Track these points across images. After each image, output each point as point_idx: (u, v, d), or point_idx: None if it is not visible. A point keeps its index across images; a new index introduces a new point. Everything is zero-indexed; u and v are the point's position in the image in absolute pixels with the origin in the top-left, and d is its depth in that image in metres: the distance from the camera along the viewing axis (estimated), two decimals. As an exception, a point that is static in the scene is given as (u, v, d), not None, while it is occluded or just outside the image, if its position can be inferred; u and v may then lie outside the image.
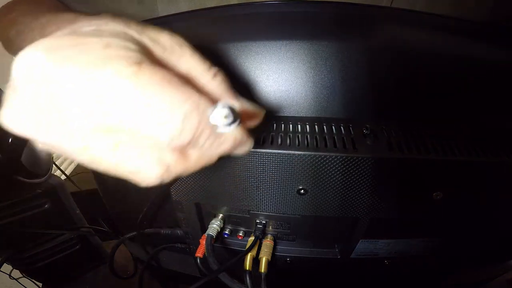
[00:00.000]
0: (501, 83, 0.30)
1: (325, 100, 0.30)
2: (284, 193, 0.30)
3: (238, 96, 0.19)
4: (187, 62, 0.17)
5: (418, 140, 0.28)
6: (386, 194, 0.30)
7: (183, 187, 0.32)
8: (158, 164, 0.15)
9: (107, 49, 0.13)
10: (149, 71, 0.13)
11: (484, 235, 0.38)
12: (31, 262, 0.53)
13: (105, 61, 0.12)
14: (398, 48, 0.29)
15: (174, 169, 0.16)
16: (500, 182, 0.30)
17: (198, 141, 0.15)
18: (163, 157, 0.15)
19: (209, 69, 0.17)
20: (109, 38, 0.13)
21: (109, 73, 0.12)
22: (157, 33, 0.16)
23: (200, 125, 0.14)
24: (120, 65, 0.12)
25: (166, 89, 0.13)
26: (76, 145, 0.14)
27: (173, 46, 0.16)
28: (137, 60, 0.13)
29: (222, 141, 0.16)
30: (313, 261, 0.39)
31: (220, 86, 0.18)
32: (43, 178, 0.50)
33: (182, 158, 0.16)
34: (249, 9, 0.33)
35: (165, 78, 0.13)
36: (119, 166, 0.15)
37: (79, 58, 0.12)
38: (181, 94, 0.13)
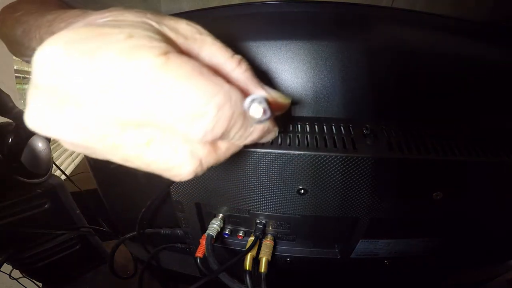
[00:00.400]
0: (501, 83, 0.30)
1: (325, 100, 0.30)
2: (284, 193, 0.30)
3: (263, 85, 0.18)
4: (209, 50, 0.16)
5: (418, 140, 0.28)
6: (386, 194, 0.30)
7: (183, 187, 0.32)
8: (191, 158, 0.15)
9: (130, 39, 0.12)
10: (177, 61, 0.12)
11: (484, 235, 0.38)
12: (31, 262, 0.53)
13: (131, 52, 0.12)
14: (398, 48, 0.29)
15: (206, 161, 0.15)
16: (500, 182, 0.30)
17: (230, 133, 0.14)
18: (196, 151, 0.15)
19: (232, 56, 0.17)
20: (130, 29, 0.12)
21: (137, 65, 0.11)
22: (175, 22, 0.15)
23: (233, 117, 0.13)
24: (148, 56, 0.12)
25: (197, 80, 0.12)
26: (107, 143, 0.13)
27: (193, 34, 0.15)
28: (164, 50, 0.12)
29: (251, 131, 0.16)
30: (313, 261, 0.39)
31: (245, 74, 0.17)
32: (43, 178, 0.50)
33: (213, 150, 0.16)
34: (249, 9, 0.33)
35: (195, 69, 0.12)
36: (152, 163, 0.14)
37: (102, 50, 0.11)
38: (212, 85, 0.13)
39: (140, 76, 0.12)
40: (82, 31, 0.12)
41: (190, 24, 0.16)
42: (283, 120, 0.28)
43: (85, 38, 0.12)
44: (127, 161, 0.14)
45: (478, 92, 0.31)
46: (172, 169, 0.15)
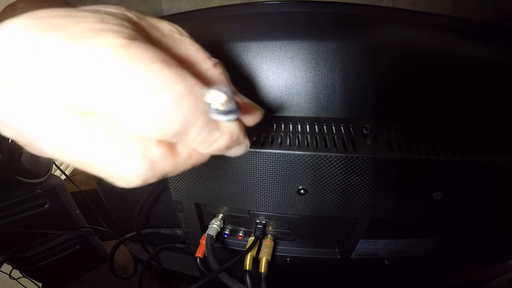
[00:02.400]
0: (501, 83, 0.30)
1: (325, 100, 0.30)
2: (284, 193, 0.30)
3: (237, 91, 0.17)
4: (186, 49, 0.15)
5: (418, 140, 0.28)
6: (386, 194, 0.30)
7: (183, 187, 0.32)
8: (142, 159, 0.13)
9: (100, 23, 0.11)
10: (140, 47, 0.11)
11: (484, 235, 0.38)
12: (31, 262, 0.53)
13: (95, 32, 0.11)
14: (398, 48, 0.29)
15: (160, 166, 0.13)
16: (500, 182, 0.30)
17: (190, 133, 0.13)
18: (148, 151, 0.13)
19: (209, 58, 0.16)
20: (105, 15, 0.12)
21: (95, 43, 0.11)
22: (158, 20, 0.15)
23: (194, 113, 0.12)
24: (109, 37, 0.11)
25: (157, 67, 0.11)
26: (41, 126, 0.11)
27: (172, 32, 0.15)
28: (130, 35, 0.11)
29: (217, 137, 0.14)
30: (313, 261, 0.39)
31: (220, 77, 0.16)
32: (43, 178, 0.50)
33: (170, 154, 0.14)
34: (249, 9, 0.33)
35: (158, 57, 0.12)
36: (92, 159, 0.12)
37: (67, 27, 0.11)
38: (174, 74, 0.12)
39: (94, 56, 0.11)
40: (57, 11, 0.11)
41: (172, 24, 0.15)
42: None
43: (56, 16, 0.11)
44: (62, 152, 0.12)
45: (478, 92, 0.31)
46: (118, 170, 0.13)
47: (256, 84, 0.30)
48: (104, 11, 0.13)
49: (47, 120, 0.11)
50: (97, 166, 0.13)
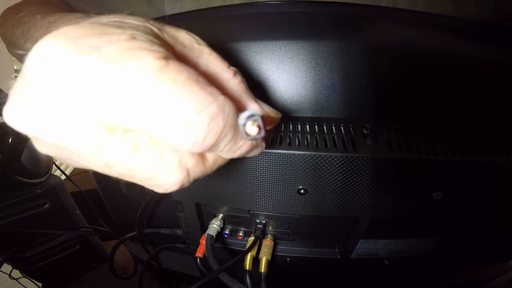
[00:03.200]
0: (501, 83, 0.30)
1: (325, 100, 0.30)
2: (284, 193, 0.30)
3: (257, 99, 0.18)
4: (206, 59, 0.16)
5: (418, 140, 0.28)
6: (386, 194, 0.30)
7: (183, 187, 0.32)
8: (179, 168, 0.14)
9: (132, 41, 0.12)
10: (176, 67, 0.12)
11: (484, 235, 0.38)
12: (31, 262, 0.53)
13: (131, 52, 0.11)
14: (398, 48, 0.29)
15: (193, 172, 0.15)
16: (500, 182, 0.30)
17: (219, 145, 0.14)
18: (184, 161, 0.14)
19: (228, 67, 0.17)
20: (133, 31, 0.12)
21: (134, 66, 0.11)
22: (176, 30, 0.15)
23: (225, 129, 0.13)
24: (146, 59, 0.11)
25: (192, 89, 0.12)
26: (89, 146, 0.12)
27: (192, 43, 0.15)
28: (164, 54, 0.12)
29: (241, 145, 0.15)
30: (313, 261, 0.39)
31: (240, 86, 0.17)
32: (43, 178, 0.50)
33: (201, 162, 0.15)
34: (249, 9, 0.33)
35: (192, 77, 0.12)
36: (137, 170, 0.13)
37: (103, 48, 0.11)
38: (207, 95, 0.12)
39: (136, 78, 0.11)
40: (86, 27, 0.12)
41: (190, 34, 0.16)
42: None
43: (88, 34, 0.11)
44: (109, 167, 0.13)
45: (478, 92, 0.31)
46: (157, 178, 0.14)
47: (256, 84, 0.30)
48: (128, 25, 0.13)
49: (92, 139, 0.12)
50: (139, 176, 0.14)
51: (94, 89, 0.11)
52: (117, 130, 0.12)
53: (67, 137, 0.12)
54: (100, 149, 0.13)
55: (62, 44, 0.11)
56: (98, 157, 0.13)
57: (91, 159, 0.13)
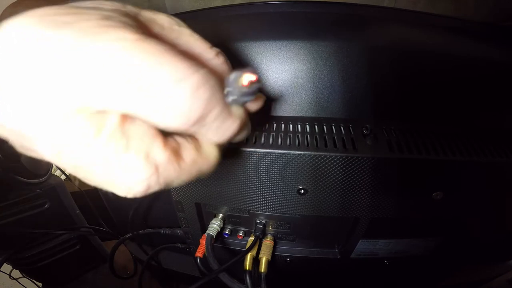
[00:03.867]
0: (501, 83, 0.30)
1: (325, 100, 0.30)
2: (284, 193, 0.30)
3: None
4: (186, 40, 0.15)
5: (418, 140, 0.28)
6: (386, 194, 0.30)
7: (183, 187, 0.32)
8: (145, 162, 0.12)
9: (106, 19, 0.11)
10: (152, 40, 0.11)
11: (484, 235, 0.38)
12: (31, 262, 0.53)
13: (105, 28, 0.11)
14: (398, 48, 0.29)
15: (164, 171, 0.13)
16: (500, 182, 0.30)
17: (206, 121, 0.13)
18: (152, 154, 0.12)
19: (211, 48, 0.16)
20: (107, 12, 0.12)
21: (108, 38, 0.11)
22: (154, 13, 0.15)
23: (211, 101, 0.12)
24: (121, 32, 0.11)
25: (172, 59, 0.11)
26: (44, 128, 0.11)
27: (171, 25, 0.15)
28: (138, 31, 0.12)
29: (230, 123, 0.14)
30: (313, 261, 0.39)
31: (223, 66, 0.16)
32: (43, 178, 0.50)
33: (175, 160, 0.13)
34: (250, 9, 0.33)
35: (169, 50, 0.12)
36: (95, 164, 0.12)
37: (75, 24, 0.11)
38: (188, 66, 0.12)
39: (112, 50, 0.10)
40: (61, 7, 0.11)
41: (169, 16, 0.15)
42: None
43: (62, 12, 0.11)
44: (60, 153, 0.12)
45: (478, 92, 0.31)
46: (120, 175, 0.12)
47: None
48: (102, 8, 0.13)
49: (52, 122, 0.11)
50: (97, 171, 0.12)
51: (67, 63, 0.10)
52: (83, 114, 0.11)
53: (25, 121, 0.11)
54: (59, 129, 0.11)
55: (33, 20, 0.11)
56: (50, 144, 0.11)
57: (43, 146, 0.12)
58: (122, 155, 0.12)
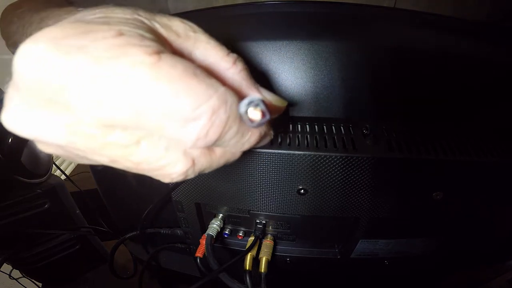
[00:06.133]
0: (501, 83, 0.30)
1: (325, 100, 0.30)
2: (284, 193, 0.30)
3: (259, 86, 0.17)
4: (203, 48, 0.15)
5: (418, 140, 0.28)
6: (386, 194, 0.30)
7: (183, 187, 0.32)
8: (184, 157, 0.14)
9: (119, 37, 0.11)
10: (169, 61, 0.11)
11: (484, 235, 0.38)
12: (31, 262, 0.53)
13: (120, 50, 0.11)
14: (398, 48, 0.29)
15: (199, 163, 0.15)
16: (500, 182, 0.30)
17: (225, 139, 0.13)
18: (189, 150, 0.14)
19: (228, 54, 0.16)
20: (120, 26, 0.12)
21: (125, 64, 0.11)
22: (168, 19, 0.14)
23: (228, 122, 0.13)
24: (137, 56, 0.11)
25: (190, 82, 0.11)
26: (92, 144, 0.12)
27: (187, 31, 0.15)
28: (155, 49, 0.11)
29: (248, 137, 0.15)
30: (313, 261, 0.39)
31: (241, 74, 0.16)
32: (43, 178, 0.50)
33: (208, 153, 0.15)
34: (250, 9, 0.33)
35: (188, 70, 0.12)
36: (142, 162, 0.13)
37: (88, 48, 0.11)
38: (206, 88, 0.12)
39: (127, 77, 0.11)
40: (69, 27, 0.11)
41: (184, 21, 0.15)
42: (280, 122, 0.28)
43: (72, 34, 0.11)
44: (114, 161, 0.13)
45: (478, 92, 0.31)
46: (163, 168, 0.14)
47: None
48: (115, 20, 0.12)
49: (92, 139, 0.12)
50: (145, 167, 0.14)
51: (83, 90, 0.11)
52: (118, 128, 0.12)
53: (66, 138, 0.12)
54: (102, 147, 0.12)
55: (44, 48, 0.10)
56: (102, 153, 0.13)
57: (96, 156, 0.13)
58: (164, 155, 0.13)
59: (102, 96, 0.11)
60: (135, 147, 0.13)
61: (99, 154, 0.13)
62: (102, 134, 0.12)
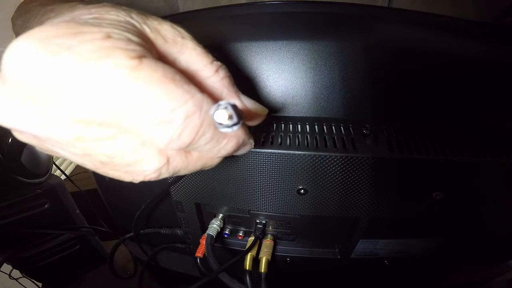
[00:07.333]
0: (501, 83, 0.30)
1: (325, 100, 0.30)
2: (284, 193, 0.30)
3: (240, 94, 0.18)
4: (188, 54, 0.15)
5: (418, 140, 0.28)
6: (386, 194, 0.30)
7: (183, 187, 0.32)
8: (159, 154, 0.14)
9: (107, 40, 0.12)
10: (150, 66, 0.12)
11: (484, 235, 0.38)
12: (31, 262, 0.53)
13: (104, 52, 0.11)
14: (398, 48, 0.29)
15: (174, 162, 0.15)
16: (500, 182, 0.30)
17: (199, 143, 0.14)
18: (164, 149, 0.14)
19: (211, 63, 0.16)
20: (110, 29, 0.12)
21: (106, 66, 0.11)
22: (159, 23, 0.15)
23: (202, 127, 0.13)
24: (119, 59, 0.11)
25: (167, 87, 0.12)
26: (68, 136, 0.13)
27: (174, 37, 0.15)
28: (138, 53, 0.12)
29: (224, 143, 0.15)
30: (313, 261, 0.39)
31: (222, 82, 0.16)
32: (43, 178, 0.50)
33: (184, 154, 0.15)
34: (250, 9, 0.33)
35: (167, 75, 0.12)
36: (116, 157, 0.14)
37: (75, 47, 0.11)
38: (182, 93, 0.12)
39: (107, 78, 0.11)
40: (61, 27, 0.12)
41: (174, 26, 0.15)
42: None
43: (62, 34, 0.11)
44: (88, 154, 0.14)
45: (478, 92, 0.31)
46: (137, 163, 0.14)
47: (256, 84, 0.30)
48: (107, 22, 0.13)
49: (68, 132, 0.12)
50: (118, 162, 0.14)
51: (67, 88, 0.11)
52: (95, 124, 0.13)
53: (43, 129, 0.12)
54: (78, 139, 0.13)
55: (35, 45, 0.11)
56: (75, 145, 0.13)
57: (69, 147, 0.13)
58: (138, 150, 0.14)
59: (82, 95, 0.11)
60: (110, 140, 0.13)
61: (72, 146, 0.13)
62: (79, 128, 0.13)
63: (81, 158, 0.14)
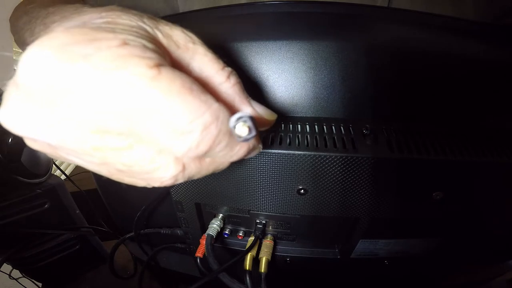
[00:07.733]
0: (502, 83, 0.30)
1: (325, 100, 0.30)
2: (284, 193, 0.30)
3: (251, 100, 0.18)
4: (200, 60, 0.16)
5: (418, 140, 0.28)
6: (386, 194, 0.30)
7: (183, 187, 0.32)
8: (175, 162, 0.14)
9: (123, 47, 0.12)
10: (169, 76, 0.12)
11: (484, 235, 0.38)
12: (31, 262, 0.53)
13: (121, 61, 0.11)
14: (398, 48, 0.29)
15: (189, 168, 0.15)
16: (500, 182, 0.30)
17: (214, 151, 0.14)
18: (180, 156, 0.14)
19: (223, 69, 0.16)
20: (125, 35, 0.12)
21: (125, 75, 0.11)
22: (170, 29, 0.15)
23: (218, 136, 0.13)
24: (139, 68, 0.11)
25: (186, 98, 0.12)
26: (84, 145, 0.13)
27: (186, 43, 0.15)
28: (155, 62, 0.12)
29: (237, 150, 0.16)
30: (313, 261, 0.39)
31: (234, 88, 0.17)
32: (43, 178, 0.50)
33: (198, 160, 0.16)
34: (250, 9, 0.33)
35: (185, 85, 0.12)
36: (134, 165, 0.14)
37: (93, 56, 0.11)
38: (200, 104, 0.12)
39: (127, 87, 0.11)
40: (75, 33, 0.11)
41: (185, 32, 0.15)
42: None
43: (78, 41, 0.11)
44: (105, 163, 0.14)
45: (478, 92, 0.31)
46: (155, 171, 0.14)
47: (256, 84, 0.30)
48: (121, 27, 0.13)
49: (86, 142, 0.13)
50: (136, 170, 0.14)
51: (84, 97, 0.11)
52: (113, 133, 0.13)
53: (60, 139, 0.12)
54: (96, 149, 0.13)
55: (51, 52, 0.11)
56: (93, 154, 0.13)
57: (86, 156, 0.13)
58: (156, 159, 0.14)
59: (101, 104, 0.11)
60: (128, 150, 0.13)
61: (90, 155, 0.13)
62: (96, 137, 0.13)
63: (98, 166, 0.14)
